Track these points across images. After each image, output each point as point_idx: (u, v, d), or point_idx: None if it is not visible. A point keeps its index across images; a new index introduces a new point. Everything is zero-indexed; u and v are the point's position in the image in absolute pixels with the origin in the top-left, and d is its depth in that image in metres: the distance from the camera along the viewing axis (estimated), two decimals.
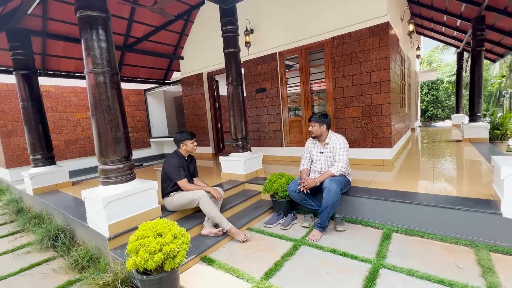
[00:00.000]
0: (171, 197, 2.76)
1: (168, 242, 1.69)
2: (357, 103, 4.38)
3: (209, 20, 6.28)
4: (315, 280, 1.95)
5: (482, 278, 1.84)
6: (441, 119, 16.05)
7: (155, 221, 1.84)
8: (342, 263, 2.15)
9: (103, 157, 2.44)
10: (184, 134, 2.81)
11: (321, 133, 2.90)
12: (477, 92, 5.93)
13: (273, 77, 5.35)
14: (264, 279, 1.99)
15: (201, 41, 6.60)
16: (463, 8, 6.14)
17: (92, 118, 2.44)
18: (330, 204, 2.57)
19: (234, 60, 4.00)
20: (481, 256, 2.08)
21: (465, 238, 2.31)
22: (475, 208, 2.28)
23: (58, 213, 3.30)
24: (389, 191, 2.96)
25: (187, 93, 7.27)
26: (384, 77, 4.07)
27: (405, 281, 1.87)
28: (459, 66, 9.92)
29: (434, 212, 2.47)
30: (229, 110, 4.13)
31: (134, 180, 2.62)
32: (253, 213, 3.23)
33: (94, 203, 2.40)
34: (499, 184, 2.22)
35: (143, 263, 1.62)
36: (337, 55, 4.47)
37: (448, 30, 8.54)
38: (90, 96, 2.41)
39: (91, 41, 2.35)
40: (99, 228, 2.43)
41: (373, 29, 4.07)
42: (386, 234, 2.55)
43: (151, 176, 5.18)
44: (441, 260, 2.09)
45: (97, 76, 2.37)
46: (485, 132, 5.85)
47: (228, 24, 3.91)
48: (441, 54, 19.16)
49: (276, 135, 5.53)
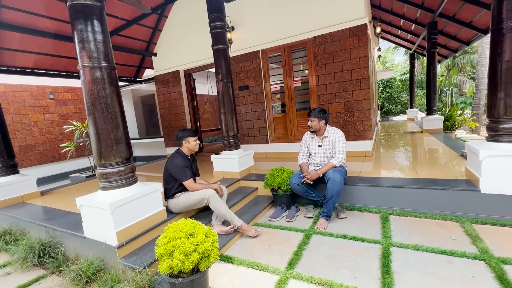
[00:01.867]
0: (176, 198, 2.65)
1: (202, 241, 1.65)
2: (340, 99, 4.66)
3: (185, 16, 6.08)
4: (337, 264, 2.07)
5: (473, 246, 2.15)
6: (395, 114, 17.80)
7: (182, 222, 1.77)
8: (355, 246, 2.31)
9: (103, 160, 2.24)
10: (187, 131, 2.71)
11: (320, 127, 3.04)
12: (432, 89, 6.73)
13: (256, 75, 5.40)
14: (289, 269, 2.04)
15: (176, 38, 6.35)
16: (419, 14, 6.90)
17: (89, 117, 2.22)
18: (335, 193, 2.73)
19: (224, 56, 3.95)
20: (467, 227, 2.42)
21: (450, 214, 2.66)
22: (458, 187, 2.64)
23: (37, 226, 2.93)
24: (380, 178, 3.24)
25: (162, 91, 6.93)
26: (363, 75, 4.41)
27: (415, 255, 2.10)
28: (412, 66, 11.09)
29: (423, 194, 2.78)
30: (220, 107, 4.07)
31: (137, 183, 2.45)
32: (254, 209, 3.25)
33: (97, 210, 2.19)
34: (476, 165, 2.59)
35: (180, 265, 1.55)
36: (320, 53, 4.70)
37: (403, 34, 9.50)
38: (87, 93, 2.19)
39: (85, 32, 2.13)
40: (103, 237, 2.23)
41: (353, 29, 4.37)
42: (384, 217, 2.80)
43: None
44: (436, 235, 2.38)
45: (94, 72, 2.16)
46: (440, 123, 6.68)
47: (216, 20, 3.85)
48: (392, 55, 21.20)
49: (261, 132, 5.60)
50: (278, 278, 1.95)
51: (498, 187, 2.45)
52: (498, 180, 2.44)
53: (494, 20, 2.45)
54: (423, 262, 2.00)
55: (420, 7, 6.27)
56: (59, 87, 7.08)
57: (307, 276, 1.93)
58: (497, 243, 2.15)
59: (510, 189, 2.41)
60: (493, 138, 2.55)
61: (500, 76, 2.43)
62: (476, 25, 5.87)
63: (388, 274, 1.87)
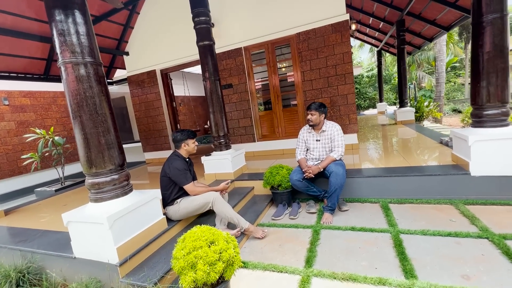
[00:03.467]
0: (177, 204, 2.45)
1: (225, 248, 1.52)
2: (326, 94, 4.73)
3: (160, 12, 5.75)
4: (354, 257, 2.06)
5: (473, 225, 2.28)
6: (364, 108, 18.77)
7: (199, 229, 1.62)
8: (366, 237, 2.33)
9: (94, 168, 1.99)
10: (186, 133, 2.52)
11: (320, 121, 3.03)
12: (403, 82, 7.17)
13: (240, 73, 5.28)
14: (308, 267, 1.98)
15: (151, 35, 5.97)
16: (387, 12, 7.30)
17: (75, 120, 1.95)
18: (339, 186, 2.73)
19: (210, 53, 3.78)
20: (462, 209, 2.57)
21: (444, 198, 2.81)
22: (449, 172, 2.79)
23: (8, 251, 2.53)
24: (375, 169, 3.34)
25: (137, 93, 6.48)
26: (347, 70, 4.52)
27: (424, 240, 2.16)
28: (379, 62, 11.74)
29: (418, 180, 2.91)
30: (208, 107, 3.90)
31: (133, 191, 2.22)
32: (255, 209, 3.15)
33: (90, 225, 1.93)
34: (465, 150, 2.76)
35: (205, 277, 1.40)
36: (304, 49, 4.72)
37: (371, 31, 10.01)
38: (71, 94, 1.91)
39: (66, 23, 1.86)
40: (99, 255, 1.97)
41: (335, 26, 4.45)
42: (384, 206, 2.88)
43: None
44: (437, 218, 2.49)
45: (78, 68, 1.90)
46: (412, 115, 7.14)
47: (200, 14, 3.67)
48: (358, 52, 22.34)
49: (247, 131, 5.50)
50: (299, 278, 1.88)
51: (486, 169, 2.63)
52: (486, 162, 2.62)
53: (475, 15, 2.62)
54: (434, 246, 2.06)
55: (389, 5, 6.63)
56: (15, 92, 6.27)
57: (329, 272, 1.89)
58: (493, 221, 2.30)
59: (497, 170, 2.61)
60: (478, 124, 2.74)
61: (482, 66, 2.61)
62: (439, 22, 6.36)
63: (407, 261, 1.89)
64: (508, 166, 2.57)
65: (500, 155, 2.58)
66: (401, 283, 1.69)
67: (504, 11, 2.47)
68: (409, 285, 1.66)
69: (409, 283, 1.67)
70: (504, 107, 2.62)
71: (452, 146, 3.75)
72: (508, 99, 2.60)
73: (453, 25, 6.10)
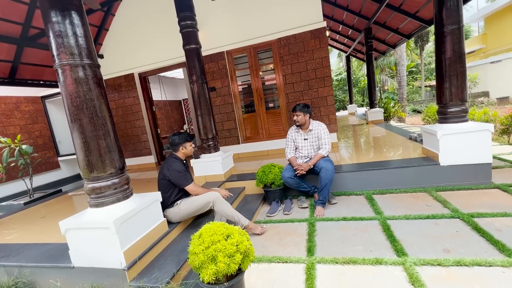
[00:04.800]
0: (177, 206, 2.46)
1: (241, 240, 1.60)
2: (307, 96, 4.99)
3: (137, 15, 5.63)
4: (350, 243, 2.25)
5: (446, 208, 2.61)
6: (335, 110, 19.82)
7: (214, 225, 1.67)
8: (357, 225, 2.54)
9: (96, 171, 1.94)
10: (183, 137, 2.54)
11: (305, 121, 3.23)
12: (372, 85, 7.77)
13: (223, 76, 5.35)
14: (310, 256, 2.13)
15: (127, 38, 5.80)
16: (356, 21, 7.89)
17: (74, 124, 1.90)
18: (329, 181, 2.94)
19: (197, 56, 3.82)
20: (434, 195, 2.92)
21: (419, 186, 3.15)
22: (423, 163, 3.15)
23: None
24: (358, 164, 3.62)
25: (113, 97, 6.22)
26: (326, 73, 4.83)
27: (408, 223, 2.43)
28: (348, 66, 12.53)
29: (396, 172, 3.23)
30: (196, 109, 3.92)
31: (133, 195, 2.20)
32: (249, 208, 3.24)
33: (94, 231, 1.88)
34: (434, 144, 3.14)
35: (226, 269, 1.47)
36: (285, 54, 4.95)
37: (341, 38, 10.69)
38: (69, 96, 1.86)
39: (63, 25, 1.82)
40: (102, 261, 1.92)
41: (314, 32, 4.75)
42: (369, 197, 3.14)
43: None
44: (415, 205, 2.79)
45: (76, 71, 1.86)
46: (381, 115, 7.76)
47: (187, 18, 3.70)
48: None
49: (232, 133, 5.57)
50: (304, 266, 2.02)
51: (452, 159, 3.02)
52: (452, 153, 3.01)
53: (437, 25, 3.02)
54: (417, 228, 2.33)
55: (358, 14, 7.18)
56: None
57: (331, 258, 2.05)
58: (461, 203, 2.66)
59: (460, 159, 3.00)
60: (444, 120, 3.13)
61: (445, 70, 3.01)
62: (402, 31, 7.04)
63: (396, 242, 2.13)
64: (468, 156, 2.98)
65: (462, 147, 2.98)
66: (395, 261, 1.90)
67: (460, 23, 2.89)
68: (402, 262, 1.88)
69: (401, 260, 1.89)
70: (464, 105, 3.04)
71: (420, 141, 4.20)
72: (466, 98, 3.02)
73: (413, 34, 6.80)
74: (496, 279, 1.62)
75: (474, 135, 2.91)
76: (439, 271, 1.75)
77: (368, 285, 1.74)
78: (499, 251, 1.87)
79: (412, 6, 5.61)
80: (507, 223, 2.20)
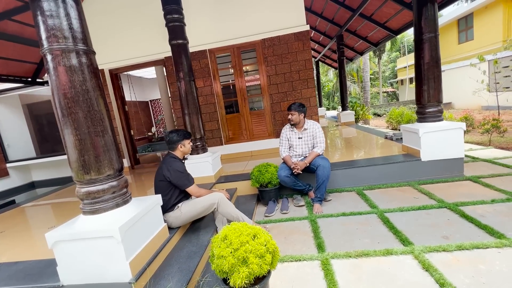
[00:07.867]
0: (178, 209, 2.28)
1: (268, 240, 1.53)
2: (291, 97, 5.08)
3: (108, 5, 5.18)
4: (356, 237, 2.31)
5: (432, 199, 2.84)
6: None
7: (238, 226, 1.57)
8: (358, 220, 2.62)
9: (92, 172, 1.70)
10: (181, 134, 2.37)
11: (300, 120, 3.26)
12: (344, 89, 8.23)
13: (205, 75, 5.19)
14: (322, 252, 2.13)
15: (96, 31, 5.29)
16: (328, 28, 8.30)
17: (66, 119, 1.64)
18: (326, 178, 3.00)
19: (184, 53, 3.64)
20: (419, 188, 3.16)
21: (403, 181, 3.39)
22: (407, 159, 3.40)
23: None
24: (347, 162, 3.76)
25: None
26: (309, 75, 4.97)
27: (403, 215, 2.58)
28: (317, 71, 13.11)
29: (383, 168, 3.43)
30: (183, 108, 3.72)
31: (132, 199, 1.98)
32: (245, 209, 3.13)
33: (92, 241, 1.64)
34: (416, 141, 3.41)
35: (258, 270, 1.39)
36: (269, 55, 4.98)
37: (312, 44, 11.15)
38: (60, 87, 1.60)
39: (54, 3, 1.57)
40: (100, 275, 1.67)
41: (297, 35, 4.86)
42: (360, 192, 3.28)
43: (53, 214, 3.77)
44: (404, 198, 2.99)
45: (68, 56, 1.62)
46: (352, 117, 8.24)
47: (173, 12, 3.51)
48: None
49: (214, 134, 5.41)
50: (319, 262, 2.01)
51: (431, 155, 3.31)
52: (431, 149, 3.30)
53: (417, 33, 3.31)
54: (412, 218, 2.49)
55: (331, 22, 7.57)
56: None
57: (343, 252, 2.07)
58: (443, 194, 2.92)
59: (438, 155, 3.30)
60: (422, 120, 3.43)
61: (424, 73, 3.30)
62: (370, 39, 7.60)
63: (399, 233, 2.24)
64: (444, 152, 3.30)
65: (439, 143, 3.28)
66: (404, 250, 1.99)
67: (436, 32, 3.21)
68: (410, 251, 1.98)
69: (410, 249, 1.99)
70: (439, 105, 3.36)
71: (396, 140, 4.54)
72: (442, 100, 3.35)
73: (380, 42, 7.38)
74: (495, 259, 1.79)
75: (450, 133, 3.23)
76: (446, 256, 1.88)
77: (386, 274, 1.79)
78: (489, 234, 2.08)
79: (382, 16, 6.09)
80: (487, 210, 2.47)
